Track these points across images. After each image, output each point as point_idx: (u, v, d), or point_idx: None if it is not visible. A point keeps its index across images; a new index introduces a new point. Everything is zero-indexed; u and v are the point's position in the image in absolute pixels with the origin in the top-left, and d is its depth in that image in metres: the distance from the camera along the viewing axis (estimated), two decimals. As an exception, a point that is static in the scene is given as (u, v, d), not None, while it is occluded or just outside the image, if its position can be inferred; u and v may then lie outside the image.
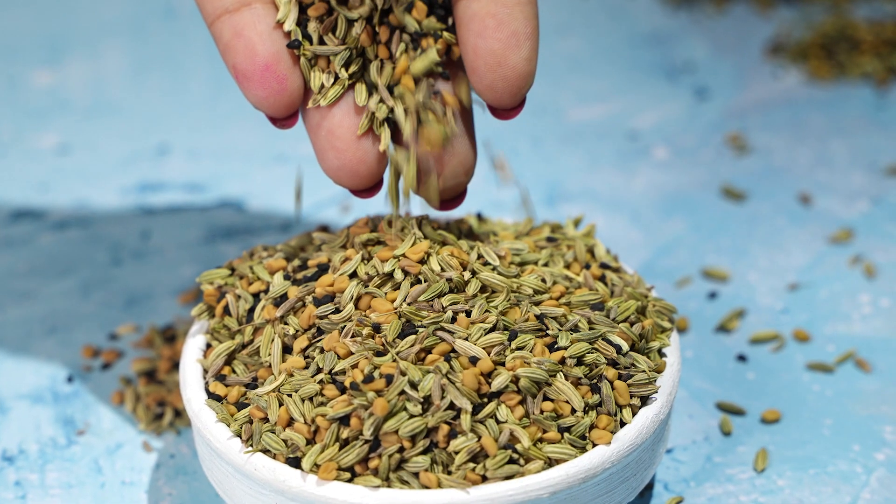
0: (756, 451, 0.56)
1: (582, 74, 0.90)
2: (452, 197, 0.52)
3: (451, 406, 0.46)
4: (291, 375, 0.49)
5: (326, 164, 0.50)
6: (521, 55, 0.48)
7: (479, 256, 0.51)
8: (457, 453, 0.46)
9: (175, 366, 0.60)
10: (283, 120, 0.50)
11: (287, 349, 0.50)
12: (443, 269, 0.50)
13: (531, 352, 0.48)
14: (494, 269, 0.51)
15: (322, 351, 0.49)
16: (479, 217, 0.56)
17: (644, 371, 0.49)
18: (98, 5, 1.00)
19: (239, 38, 0.49)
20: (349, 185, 0.51)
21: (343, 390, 0.47)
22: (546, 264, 0.53)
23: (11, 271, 0.69)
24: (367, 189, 0.51)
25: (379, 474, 0.46)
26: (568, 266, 0.53)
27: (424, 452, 0.46)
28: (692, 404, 0.59)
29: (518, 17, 0.48)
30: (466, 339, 0.48)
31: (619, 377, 0.49)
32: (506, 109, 0.50)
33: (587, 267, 0.53)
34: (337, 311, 0.49)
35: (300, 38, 0.49)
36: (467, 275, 0.50)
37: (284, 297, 0.51)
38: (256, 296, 0.52)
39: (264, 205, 0.75)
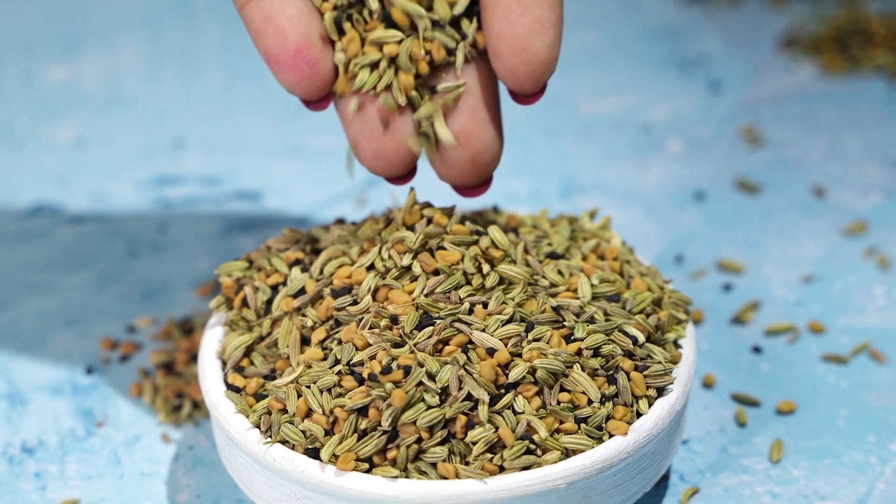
0: (771, 442, 0.56)
1: (596, 68, 0.91)
2: (478, 183, 0.52)
3: (469, 397, 0.46)
4: (310, 367, 0.49)
5: (361, 153, 0.51)
6: (544, 41, 0.48)
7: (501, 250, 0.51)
8: (474, 444, 0.46)
9: (193, 358, 0.61)
10: (316, 102, 0.50)
11: (305, 341, 0.50)
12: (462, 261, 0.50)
13: (548, 343, 0.48)
14: (513, 261, 0.51)
15: (340, 342, 0.49)
16: (495, 209, 0.56)
17: (660, 362, 0.49)
18: (113, -1, 1.00)
19: (269, 23, 0.49)
20: (384, 174, 0.51)
21: (361, 381, 0.47)
22: (563, 256, 0.53)
23: (29, 264, 0.69)
24: (403, 176, 0.52)
25: (397, 465, 0.46)
26: (584, 258, 0.53)
27: (442, 443, 0.46)
28: (707, 395, 0.59)
29: (544, 4, 0.48)
30: (483, 330, 0.48)
31: (636, 368, 0.49)
32: (526, 95, 0.50)
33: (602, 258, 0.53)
34: (354, 302, 0.50)
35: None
36: (486, 267, 0.50)
37: (302, 289, 0.51)
38: (274, 288, 0.52)
39: (281, 197, 0.75)
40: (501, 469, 0.46)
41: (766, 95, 0.86)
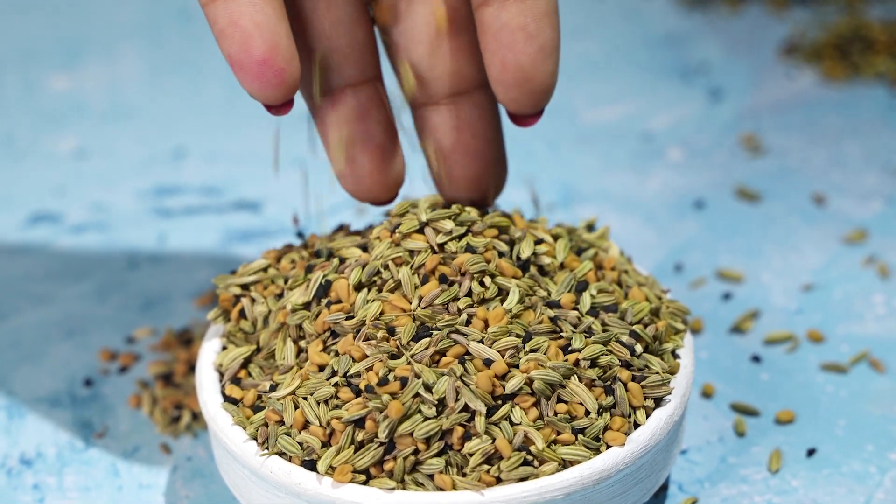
0: (770, 452, 0.56)
1: (596, 76, 0.91)
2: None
3: (466, 408, 0.46)
4: (307, 378, 0.49)
5: (347, 187, 0.52)
6: (546, 70, 0.48)
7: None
8: (471, 455, 0.46)
9: (192, 369, 0.61)
10: (278, 107, 0.50)
11: (302, 352, 0.50)
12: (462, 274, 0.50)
13: (545, 354, 0.48)
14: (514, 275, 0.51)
15: (337, 354, 0.49)
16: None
17: (658, 372, 0.49)
18: (114, 9, 1.01)
19: (235, 28, 0.47)
20: (368, 202, 0.52)
21: (358, 393, 0.47)
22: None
23: (29, 275, 0.69)
24: (385, 202, 0.53)
25: (394, 476, 0.46)
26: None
27: (439, 454, 0.46)
28: (706, 405, 0.59)
29: (546, 29, 0.48)
30: (481, 341, 0.48)
31: (633, 379, 0.49)
32: (524, 116, 0.50)
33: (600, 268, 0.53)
34: (351, 315, 0.50)
35: None
36: (487, 280, 0.50)
37: (300, 301, 0.51)
38: (273, 298, 0.52)
39: (280, 207, 0.75)
40: (498, 480, 0.46)
41: (766, 103, 0.86)
